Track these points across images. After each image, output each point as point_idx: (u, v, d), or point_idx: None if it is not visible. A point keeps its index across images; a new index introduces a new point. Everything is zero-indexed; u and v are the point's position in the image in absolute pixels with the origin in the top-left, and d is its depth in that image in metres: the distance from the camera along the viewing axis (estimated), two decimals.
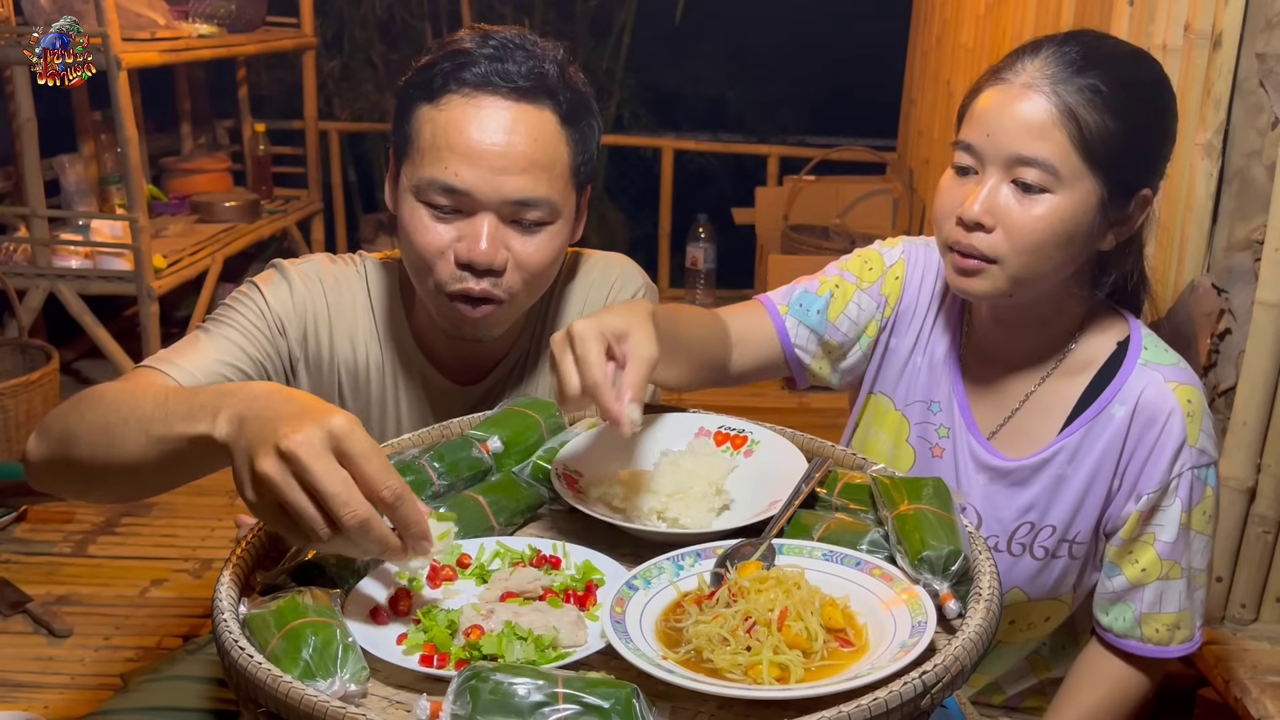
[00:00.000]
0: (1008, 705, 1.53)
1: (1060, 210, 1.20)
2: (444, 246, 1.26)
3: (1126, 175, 1.22)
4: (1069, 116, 1.18)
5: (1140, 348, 1.32)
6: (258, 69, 5.09)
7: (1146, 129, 1.24)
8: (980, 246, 1.22)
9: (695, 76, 5.89)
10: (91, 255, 3.49)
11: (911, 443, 1.43)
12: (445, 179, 1.24)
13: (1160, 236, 1.95)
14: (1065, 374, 1.34)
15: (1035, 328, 1.34)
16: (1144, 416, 1.28)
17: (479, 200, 1.24)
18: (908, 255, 1.44)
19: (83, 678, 2.32)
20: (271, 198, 4.49)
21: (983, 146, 1.22)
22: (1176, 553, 1.30)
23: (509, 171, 1.23)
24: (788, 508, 1.07)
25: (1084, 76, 1.19)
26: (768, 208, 4.48)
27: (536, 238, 1.28)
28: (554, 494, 1.13)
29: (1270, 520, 1.78)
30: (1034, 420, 1.35)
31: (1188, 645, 1.34)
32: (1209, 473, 1.30)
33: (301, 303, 1.37)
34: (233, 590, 0.95)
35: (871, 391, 1.47)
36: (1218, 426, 1.83)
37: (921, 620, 0.88)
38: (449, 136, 1.24)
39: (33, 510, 2.95)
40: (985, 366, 1.39)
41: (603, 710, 0.77)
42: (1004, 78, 1.22)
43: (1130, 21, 2.11)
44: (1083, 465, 1.31)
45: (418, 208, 1.27)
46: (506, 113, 1.24)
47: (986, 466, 1.37)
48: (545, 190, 1.26)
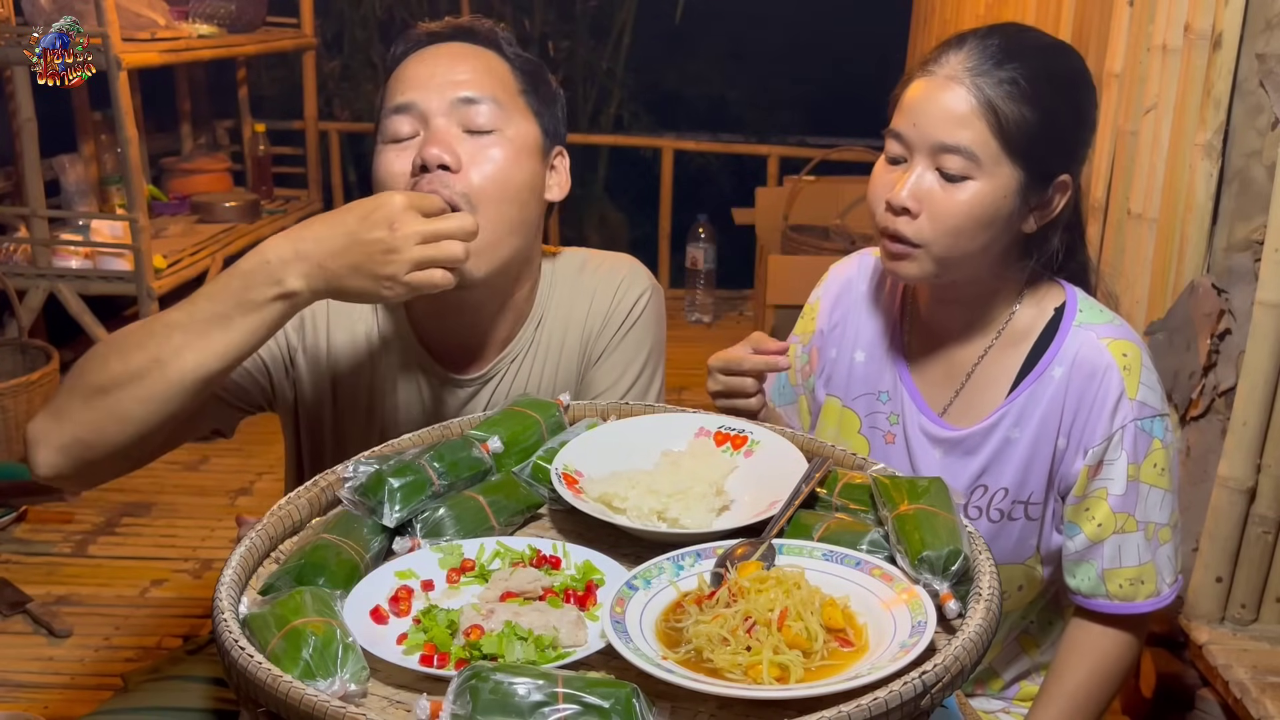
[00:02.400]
0: (1005, 695, 1.54)
1: (981, 196, 1.26)
2: (406, 169, 1.30)
3: (1045, 163, 1.29)
4: (988, 107, 1.25)
5: (1075, 310, 1.37)
6: (258, 69, 5.09)
7: (1063, 118, 1.30)
8: (907, 231, 1.29)
9: (695, 76, 5.89)
10: (91, 255, 3.49)
11: (863, 434, 1.48)
12: (395, 100, 1.32)
13: (1160, 236, 1.95)
14: (1007, 344, 1.39)
15: (973, 304, 1.40)
16: (1081, 374, 1.33)
17: (426, 108, 1.30)
18: (822, 289, 1.56)
19: (83, 678, 2.32)
20: (271, 198, 4.49)
21: (910, 135, 1.29)
22: (1129, 505, 1.34)
23: (452, 78, 1.31)
24: (788, 508, 1.07)
25: (1003, 69, 1.26)
26: (768, 208, 4.48)
27: (486, 141, 1.31)
28: (554, 494, 1.13)
29: (1270, 520, 1.78)
30: (980, 391, 1.40)
31: (1155, 600, 1.37)
32: (1154, 424, 1.34)
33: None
34: (233, 590, 0.95)
35: (825, 395, 1.55)
36: (1217, 426, 1.83)
37: (921, 620, 0.88)
38: (402, 74, 1.34)
39: (33, 510, 2.95)
40: (929, 347, 1.45)
41: (603, 710, 0.77)
42: (930, 70, 1.30)
43: (1130, 21, 2.11)
44: (1028, 427, 1.36)
45: (383, 150, 1.33)
46: (447, 47, 1.35)
47: (939, 440, 1.42)
48: (491, 89, 1.32)
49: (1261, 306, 1.72)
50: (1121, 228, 2.12)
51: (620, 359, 1.46)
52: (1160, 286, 1.94)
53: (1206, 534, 1.83)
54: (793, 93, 5.85)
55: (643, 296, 1.47)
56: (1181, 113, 1.89)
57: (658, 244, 5.11)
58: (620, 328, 1.46)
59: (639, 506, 1.09)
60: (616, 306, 1.46)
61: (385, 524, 1.06)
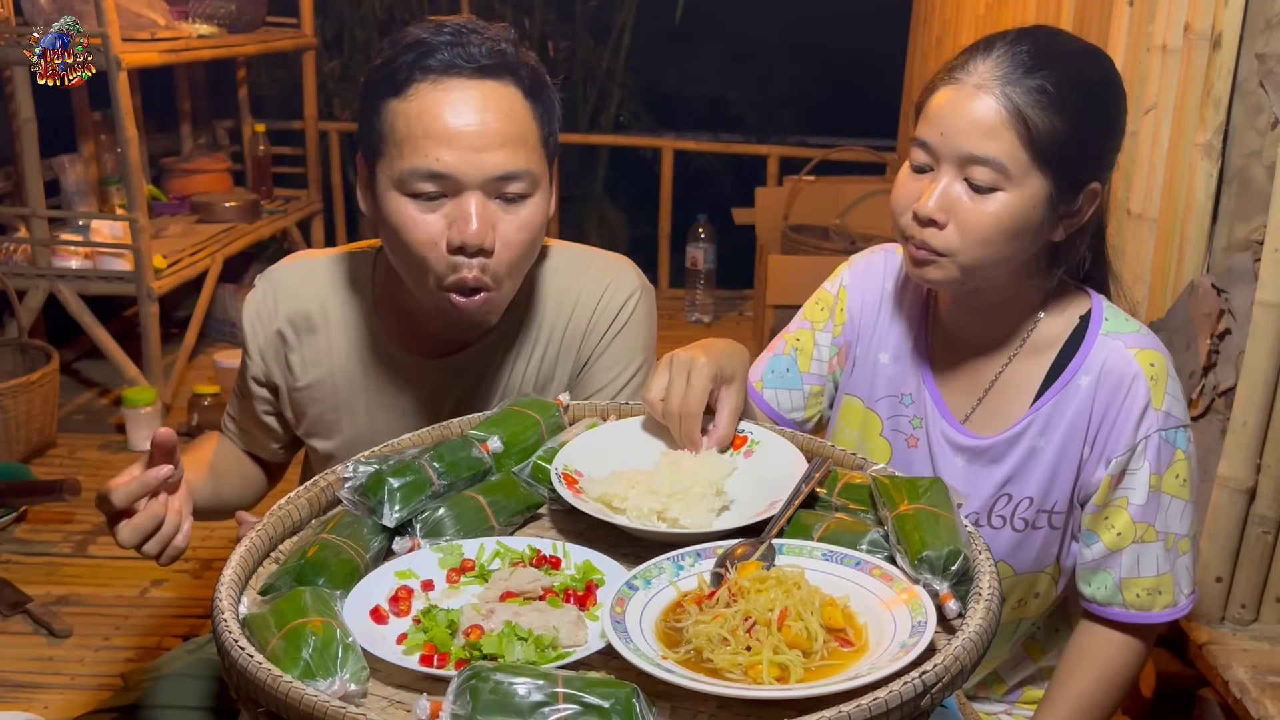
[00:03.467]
0: (1009, 699, 1.54)
1: (1010, 207, 1.24)
2: (435, 236, 1.27)
3: (1074, 171, 1.26)
4: (1017, 117, 1.22)
5: (1101, 319, 1.35)
6: (258, 69, 5.09)
7: (1094, 126, 1.28)
8: (934, 242, 1.27)
9: (695, 76, 5.89)
10: (91, 255, 3.49)
11: (886, 436, 1.46)
12: (428, 165, 1.25)
13: (1160, 236, 1.95)
14: (1031, 352, 1.38)
15: (997, 311, 1.38)
16: (1108, 383, 1.32)
17: (463, 181, 1.26)
18: (849, 279, 1.52)
19: (83, 678, 2.32)
20: (271, 198, 4.49)
21: (937, 145, 1.26)
22: (1149, 515, 1.33)
23: (488, 148, 1.25)
24: (788, 508, 1.07)
25: (1033, 77, 1.22)
26: (768, 208, 4.47)
27: (521, 212, 1.29)
28: (554, 494, 1.13)
29: (1270, 520, 1.78)
30: (1004, 400, 1.39)
31: (1172, 611, 1.36)
32: (1178, 435, 1.33)
33: (269, 314, 1.46)
34: (233, 590, 0.95)
35: (843, 394, 1.53)
36: (1217, 426, 1.83)
37: (921, 620, 0.88)
38: (424, 124, 1.25)
39: (33, 510, 2.94)
40: (953, 354, 1.43)
41: (603, 710, 0.77)
42: (957, 77, 1.26)
43: (1130, 21, 2.11)
44: (1054, 436, 1.35)
45: (402, 201, 1.28)
46: (475, 92, 1.27)
47: (962, 448, 1.40)
48: (524, 162, 1.28)
49: (1261, 306, 1.72)
50: (1121, 228, 2.12)
51: (612, 361, 1.45)
52: (1160, 286, 1.94)
53: (1206, 534, 1.83)
54: (793, 93, 5.85)
55: (631, 298, 1.46)
56: (1181, 113, 1.89)
57: (658, 244, 5.11)
58: (609, 329, 1.45)
59: (639, 506, 1.09)
60: (605, 309, 1.45)
61: (385, 524, 1.06)
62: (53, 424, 3.37)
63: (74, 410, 3.66)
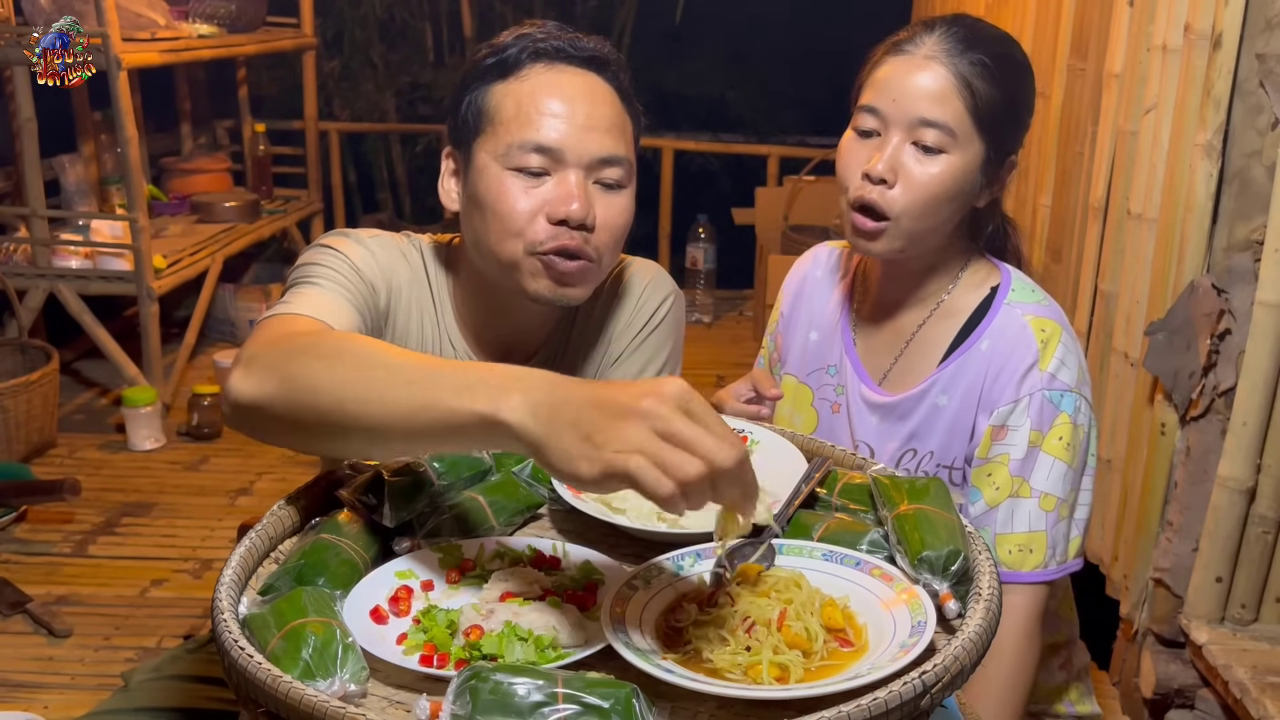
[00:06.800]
0: None
1: (953, 168, 1.36)
2: (536, 209, 1.28)
3: (1004, 141, 1.39)
4: (964, 85, 1.35)
5: (1008, 290, 1.46)
6: (258, 69, 5.09)
7: (1021, 100, 1.42)
8: (880, 202, 1.37)
9: (695, 76, 5.89)
10: (91, 255, 3.49)
11: (815, 406, 1.58)
12: (537, 138, 1.28)
13: (1160, 236, 1.95)
14: (943, 316, 1.47)
15: (920, 276, 1.48)
16: (1003, 346, 1.41)
17: (568, 158, 1.29)
18: (785, 281, 1.68)
19: (83, 678, 2.32)
20: (271, 198, 4.49)
21: (888, 110, 1.37)
22: (1025, 470, 1.38)
23: (595, 130, 1.31)
24: (788, 508, 1.07)
25: (974, 52, 1.36)
26: (768, 208, 4.48)
27: (617, 199, 1.34)
28: (554, 494, 1.13)
29: (1270, 520, 1.78)
30: (916, 360, 1.49)
31: (1041, 572, 1.39)
32: (1064, 398, 1.38)
33: (385, 269, 1.35)
34: (233, 590, 0.95)
35: (782, 375, 1.65)
36: (1217, 426, 1.83)
37: (921, 620, 0.88)
38: (536, 100, 1.30)
39: (33, 510, 2.94)
40: (876, 317, 1.53)
41: (603, 710, 0.77)
42: (905, 49, 1.39)
43: (1130, 21, 2.11)
44: (954, 395, 1.44)
45: (505, 175, 1.29)
46: (583, 79, 1.34)
47: (876, 406, 1.50)
48: (624, 150, 1.34)
49: (1261, 306, 1.72)
50: (1121, 228, 2.11)
51: (638, 360, 1.46)
52: (1160, 286, 1.94)
53: (1206, 534, 1.83)
54: (793, 93, 5.86)
55: (666, 301, 1.48)
56: (1181, 113, 1.89)
57: (658, 244, 5.11)
58: (642, 330, 1.46)
59: (639, 506, 1.09)
60: (640, 309, 1.47)
61: (385, 524, 1.06)
62: (53, 424, 3.37)
63: (74, 410, 3.66)
